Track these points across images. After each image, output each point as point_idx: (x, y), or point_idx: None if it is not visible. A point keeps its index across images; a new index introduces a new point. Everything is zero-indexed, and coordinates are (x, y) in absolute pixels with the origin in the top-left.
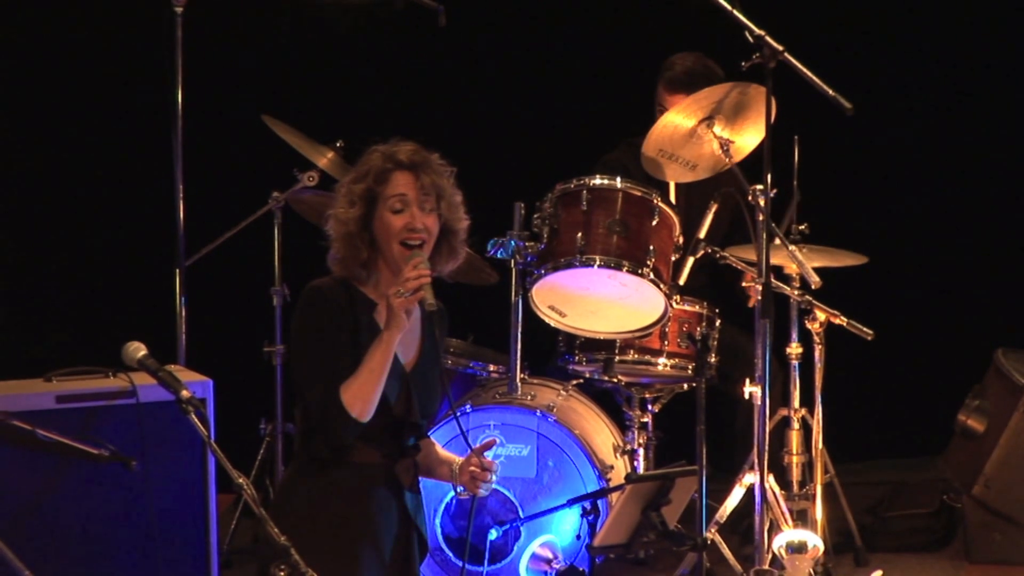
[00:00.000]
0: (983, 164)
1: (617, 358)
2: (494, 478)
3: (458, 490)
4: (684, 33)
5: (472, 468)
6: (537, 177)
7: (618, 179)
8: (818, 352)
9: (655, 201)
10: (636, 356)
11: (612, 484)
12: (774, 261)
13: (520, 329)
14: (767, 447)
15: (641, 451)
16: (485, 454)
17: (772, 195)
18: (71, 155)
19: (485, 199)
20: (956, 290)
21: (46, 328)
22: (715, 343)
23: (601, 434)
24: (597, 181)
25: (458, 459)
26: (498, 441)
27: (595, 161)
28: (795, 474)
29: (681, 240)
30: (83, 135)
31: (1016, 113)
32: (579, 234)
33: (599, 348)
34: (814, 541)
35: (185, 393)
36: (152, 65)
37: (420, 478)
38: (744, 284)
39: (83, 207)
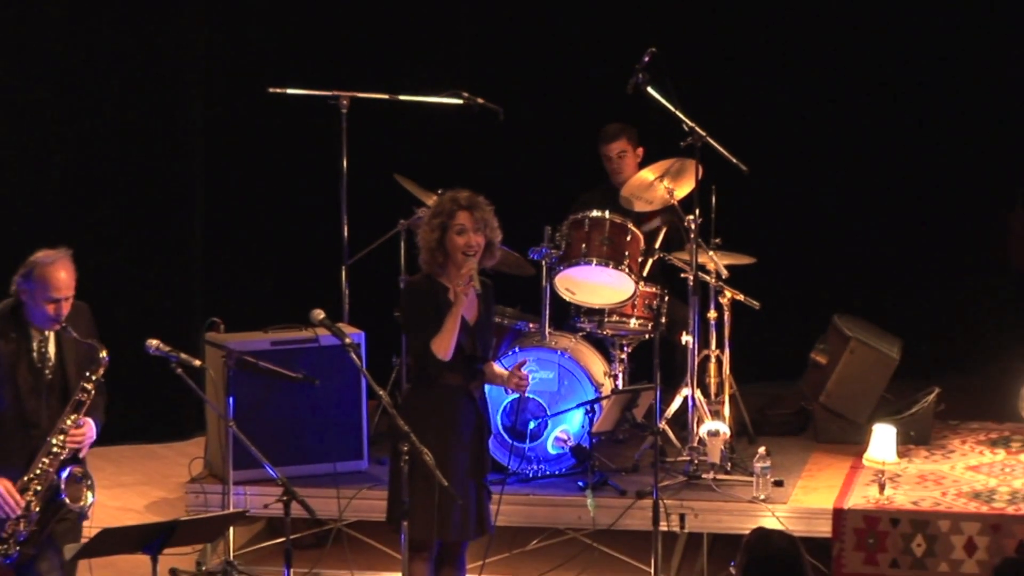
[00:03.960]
0: (827, 196)
1: (606, 319)
2: (528, 384)
3: (508, 392)
4: (634, 119)
5: (514, 378)
6: (560, 209)
7: (607, 212)
8: (727, 316)
9: (629, 226)
10: (617, 318)
11: (603, 395)
12: (700, 260)
13: (548, 302)
14: (695, 373)
15: (620, 375)
16: (522, 369)
17: (699, 221)
18: (286, 203)
19: (527, 223)
20: (809, 278)
21: (264, 299)
22: (664, 310)
23: (596, 365)
24: (594, 214)
25: (506, 372)
26: (528, 362)
27: (575, 199)
28: (712, 389)
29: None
30: (294, 189)
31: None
32: (583, 245)
33: (596, 313)
34: (724, 429)
35: (348, 340)
36: (330, 145)
37: (486, 386)
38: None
39: (291, 229)
